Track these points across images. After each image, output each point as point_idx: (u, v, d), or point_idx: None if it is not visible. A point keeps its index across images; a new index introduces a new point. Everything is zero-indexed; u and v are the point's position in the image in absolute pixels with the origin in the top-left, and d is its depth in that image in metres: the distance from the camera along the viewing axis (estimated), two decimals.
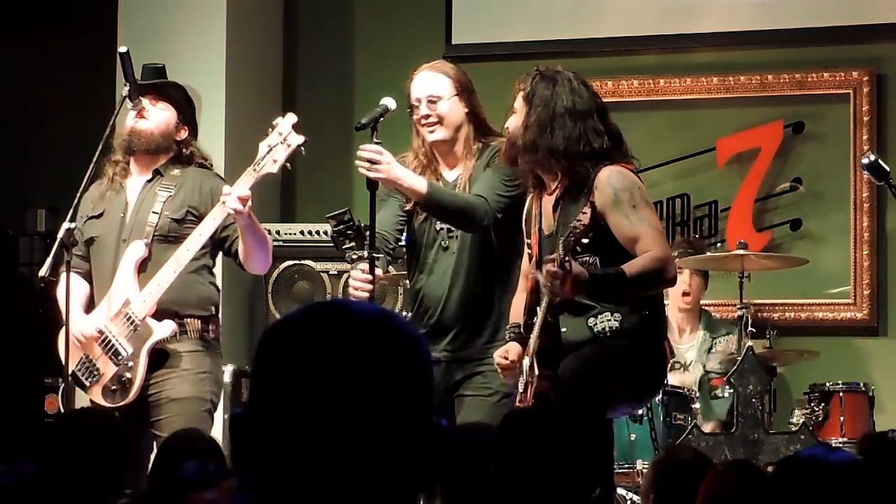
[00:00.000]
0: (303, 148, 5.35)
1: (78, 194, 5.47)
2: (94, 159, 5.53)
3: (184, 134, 5.60)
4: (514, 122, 5.09)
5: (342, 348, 1.62)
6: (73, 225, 5.35)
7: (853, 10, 7.43)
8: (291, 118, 5.37)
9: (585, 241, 4.60)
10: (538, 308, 5.02)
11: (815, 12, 7.48)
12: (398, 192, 5.41)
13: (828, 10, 7.47)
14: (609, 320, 4.90)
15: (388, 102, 5.41)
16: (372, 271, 5.27)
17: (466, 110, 5.48)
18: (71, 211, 5.41)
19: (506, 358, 5.07)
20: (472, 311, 5.39)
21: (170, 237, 5.44)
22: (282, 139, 5.33)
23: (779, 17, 7.50)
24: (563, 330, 4.94)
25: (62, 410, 5.64)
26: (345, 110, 7.91)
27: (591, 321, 4.91)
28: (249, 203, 5.26)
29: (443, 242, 5.46)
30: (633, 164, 5.04)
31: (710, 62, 7.66)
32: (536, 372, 4.97)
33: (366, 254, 5.25)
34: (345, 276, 7.37)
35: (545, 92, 5.04)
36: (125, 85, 5.59)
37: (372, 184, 5.27)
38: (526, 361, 5.04)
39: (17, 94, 8.58)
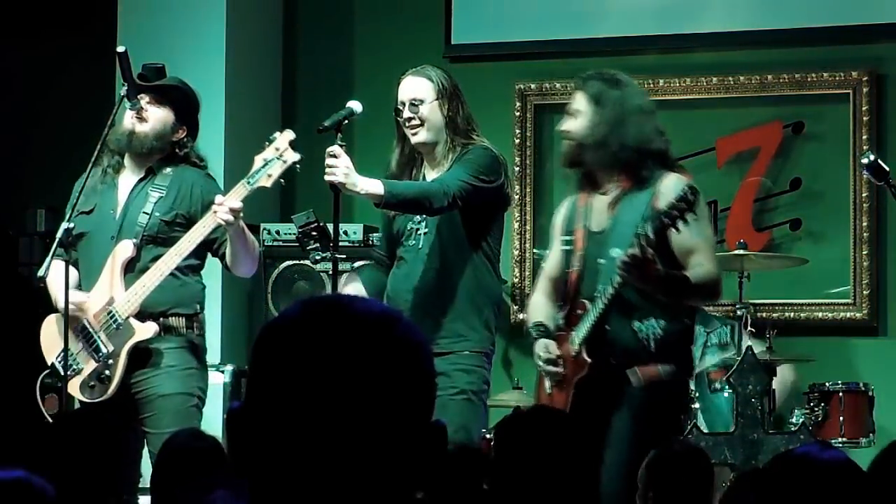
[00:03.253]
0: (298, 165, 5.39)
1: (77, 194, 5.47)
2: (93, 159, 5.53)
3: (181, 134, 5.61)
4: (577, 124, 5.23)
5: (340, 344, 1.61)
6: (71, 225, 5.36)
7: (853, 10, 7.42)
8: (289, 135, 5.41)
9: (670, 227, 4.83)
10: (585, 301, 5.12)
11: (814, 12, 7.48)
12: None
13: (827, 10, 7.47)
14: (654, 327, 5.03)
15: (354, 106, 5.57)
16: (335, 272, 5.42)
17: (449, 114, 5.56)
18: (69, 211, 5.42)
19: (549, 352, 5.19)
20: (437, 309, 5.48)
21: (158, 238, 5.47)
22: (278, 154, 5.37)
23: (778, 17, 7.49)
24: (608, 328, 5.07)
25: (48, 408, 5.64)
26: None
27: (637, 324, 5.04)
28: (241, 215, 5.30)
29: (412, 241, 5.56)
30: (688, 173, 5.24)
31: (709, 62, 7.66)
32: (587, 360, 5.06)
33: (329, 255, 5.34)
34: (344, 275, 7.37)
35: (615, 91, 5.22)
36: (123, 85, 5.59)
37: (335, 185, 5.34)
38: (555, 350, 5.16)
39: (16, 94, 8.58)
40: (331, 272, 7.40)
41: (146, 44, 7.25)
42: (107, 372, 5.42)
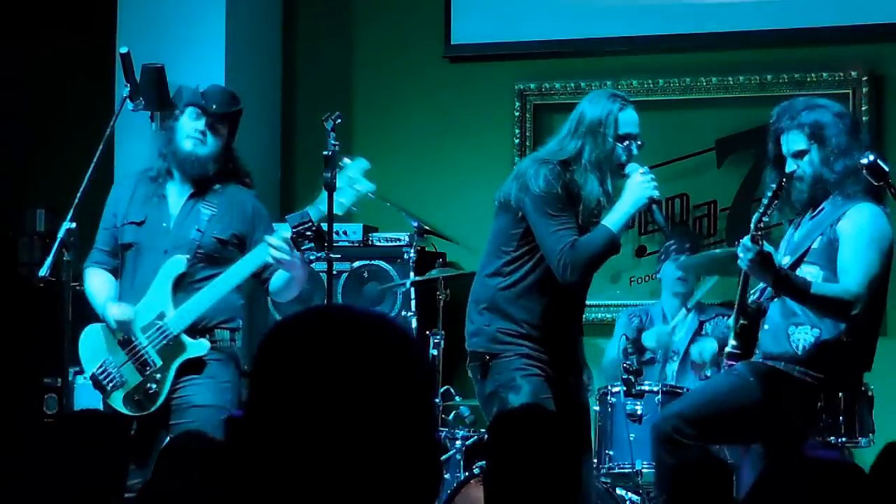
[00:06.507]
0: (372, 195, 5.42)
1: (78, 194, 5.46)
2: (94, 161, 5.52)
3: (231, 146, 5.60)
4: (806, 165, 5.30)
5: (340, 351, 1.63)
6: (73, 225, 5.36)
7: (853, 10, 7.43)
8: (363, 164, 5.41)
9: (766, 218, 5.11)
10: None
11: (814, 12, 7.48)
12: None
13: (827, 10, 7.47)
14: (807, 334, 5.22)
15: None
16: (330, 272, 5.40)
17: None
18: (71, 210, 5.41)
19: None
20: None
21: (212, 257, 5.46)
22: (351, 183, 5.37)
23: (778, 17, 7.50)
24: (766, 327, 5.26)
25: (53, 410, 5.64)
26: (344, 110, 7.91)
27: (792, 329, 5.22)
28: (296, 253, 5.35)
29: None
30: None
31: (709, 62, 7.66)
32: (735, 350, 5.32)
33: (324, 255, 5.33)
34: (344, 275, 7.38)
35: (829, 118, 5.29)
36: (126, 86, 5.58)
37: (330, 185, 5.32)
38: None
39: (16, 94, 8.57)
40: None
41: (146, 44, 7.25)
42: (154, 386, 5.40)
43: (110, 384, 5.42)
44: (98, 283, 5.47)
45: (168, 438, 5.37)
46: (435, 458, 1.67)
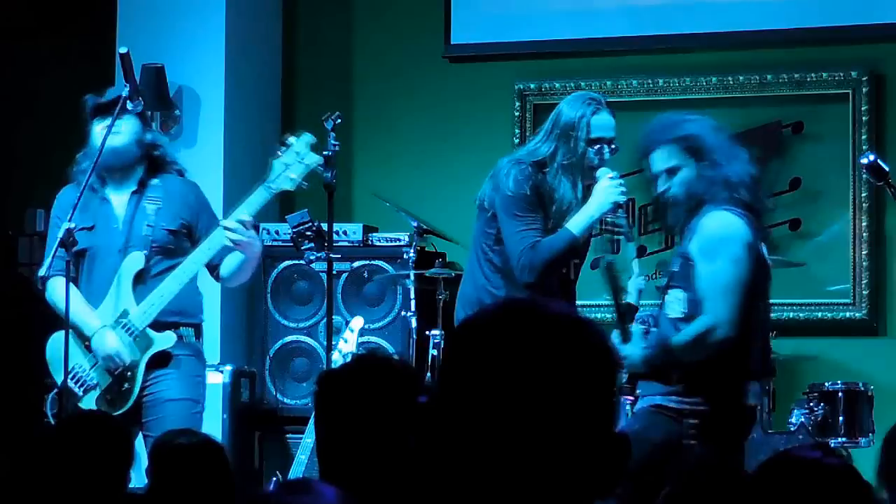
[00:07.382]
0: (321, 167, 5.41)
1: (78, 195, 5.46)
2: (94, 162, 5.52)
3: (149, 136, 5.63)
4: (679, 182, 4.95)
5: (534, 344, 1.65)
6: (72, 224, 5.36)
7: (853, 10, 7.43)
8: (308, 138, 5.44)
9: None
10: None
11: (814, 12, 7.48)
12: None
13: (827, 10, 7.47)
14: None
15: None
16: (329, 272, 5.42)
17: None
18: (71, 211, 5.41)
19: None
20: None
21: (167, 249, 5.49)
22: (299, 158, 5.38)
23: (778, 17, 7.50)
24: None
25: (56, 412, 5.64)
26: (344, 110, 7.91)
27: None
28: (253, 231, 5.35)
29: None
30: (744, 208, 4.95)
31: (709, 62, 7.66)
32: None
33: (324, 255, 5.35)
34: (344, 275, 7.38)
35: (705, 130, 5.01)
36: (126, 86, 5.58)
37: (330, 185, 5.33)
38: None
39: (15, 94, 8.58)
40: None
41: (146, 44, 7.25)
42: (126, 385, 5.42)
43: (82, 388, 5.45)
44: (74, 294, 5.47)
45: (142, 435, 5.41)
46: (621, 453, 1.68)
